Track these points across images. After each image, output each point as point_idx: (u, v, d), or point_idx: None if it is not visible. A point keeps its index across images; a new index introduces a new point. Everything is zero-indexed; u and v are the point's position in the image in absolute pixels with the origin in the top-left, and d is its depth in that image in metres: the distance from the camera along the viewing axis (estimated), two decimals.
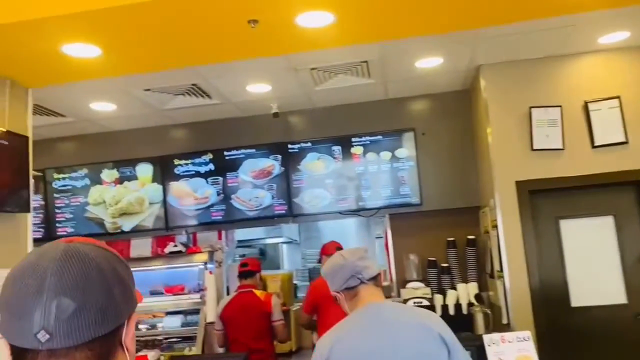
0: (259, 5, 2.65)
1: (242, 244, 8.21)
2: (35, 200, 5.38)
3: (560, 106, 4.12)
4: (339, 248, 3.94)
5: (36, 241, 5.33)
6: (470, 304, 4.54)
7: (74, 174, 5.36)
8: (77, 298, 0.80)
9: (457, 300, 4.62)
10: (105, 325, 0.82)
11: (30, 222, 3.40)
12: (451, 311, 4.58)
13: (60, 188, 5.37)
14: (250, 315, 3.97)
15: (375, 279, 1.97)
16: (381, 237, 5.73)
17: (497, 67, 4.25)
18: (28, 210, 3.27)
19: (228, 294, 5.33)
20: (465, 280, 4.73)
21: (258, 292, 4.10)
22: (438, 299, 4.67)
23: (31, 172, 3.36)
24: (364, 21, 2.88)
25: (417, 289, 4.65)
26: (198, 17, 2.71)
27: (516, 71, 4.23)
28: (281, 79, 4.24)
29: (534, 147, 4.13)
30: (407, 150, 4.91)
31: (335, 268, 1.97)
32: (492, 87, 4.27)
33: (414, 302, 4.55)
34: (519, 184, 4.13)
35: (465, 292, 4.63)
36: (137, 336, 3.99)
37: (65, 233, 5.34)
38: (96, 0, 2.57)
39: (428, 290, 4.64)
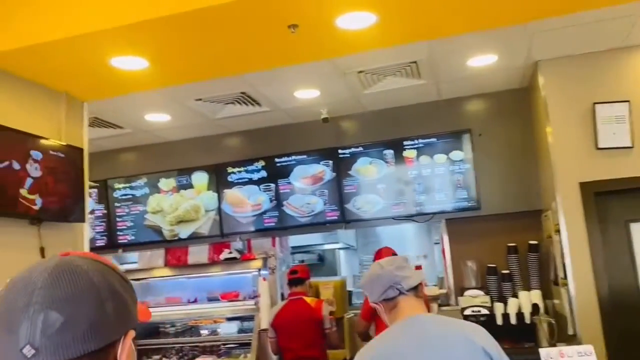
0: (298, 9, 2.61)
1: (300, 249, 8.24)
2: (98, 209, 5.62)
3: (628, 101, 3.82)
4: (394, 254, 3.82)
5: (99, 249, 5.61)
6: (533, 313, 4.30)
7: (133, 184, 5.54)
8: (65, 312, 0.77)
9: (519, 309, 4.39)
10: (95, 342, 0.78)
11: (86, 232, 3.52)
12: (513, 320, 4.35)
13: (121, 197, 5.57)
14: (300, 322, 3.95)
15: (415, 290, 1.87)
16: (439, 242, 5.56)
17: (556, 63, 4.00)
18: (84, 220, 3.38)
19: (282, 300, 5.34)
20: (527, 288, 4.48)
21: (308, 299, 4.06)
22: (498, 307, 4.45)
23: (87, 183, 3.48)
24: (408, 20, 2.78)
25: (475, 297, 4.45)
26: (238, 25, 2.70)
27: (577, 66, 3.96)
28: (329, 84, 4.19)
29: (599, 146, 3.85)
30: (462, 152, 4.73)
31: (373, 278, 1.89)
32: (552, 83, 4.02)
33: (472, 311, 4.36)
34: (584, 186, 3.86)
35: (527, 301, 4.39)
36: (196, 342, 4.06)
37: (126, 241, 5.53)
38: (140, 12, 2.63)
39: (487, 298, 4.43)
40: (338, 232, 7.19)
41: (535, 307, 4.26)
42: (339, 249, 8.65)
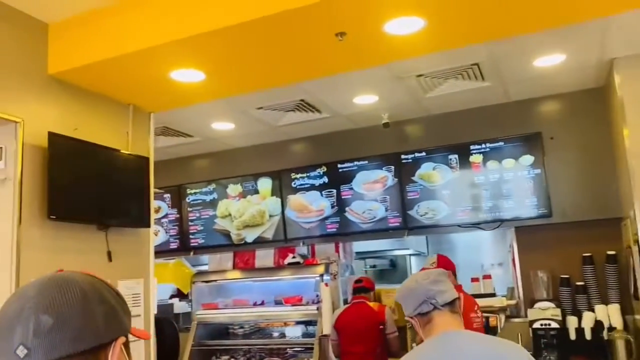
0: (345, 17, 2.60)
1: (371, 255, 8.19)
2: (172, 213, 5.90)
3: None
4: (449, 262, 3.67)
5: (172, 251, 5.88)
6: (610, 329, 4.00)
7: (204, 189, 5.75)
8: (55, 315, 0.83)
9: (595, 324, 4.11)
10: (82, 343, 0.84)
11: (152, 237, 3.69)
12: (587, 336, 4.09)
13: (192, 202, 5.80)
14: (363, 324, 3.95)
15: (451, 305, 1.80)
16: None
17: (634, 60, 3.70)
18: (148, 225, 3.55)
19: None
20: (605, 302, 4.18)
21: (371, 303, 4.07)
22: (571, 321, 4.19)
23: (152, 190, 3.65)
24: (457, 24, 2.68)
25: (545, 309, 4.22)
26: (286, 36, 2.74)
27: None
28: (387, 89, 4.14)
29: None
30: (533, 156, 4.49)
31: (407, 292, 1.84)
32: (628, 82, 3.73)
33: (541, 324, 4.14)
34: None
35: (604, 315, 4.10)
36: (262, 344, 4.15)
37: (197, 244, 5.75)
38: (195, 26, 2.73)
39: (558, 311, 4.18)
40: (408, 238, 7.08)
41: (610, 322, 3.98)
42: (409, 255, 8.51)
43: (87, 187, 3.10)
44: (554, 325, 4.10)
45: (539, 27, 2.83)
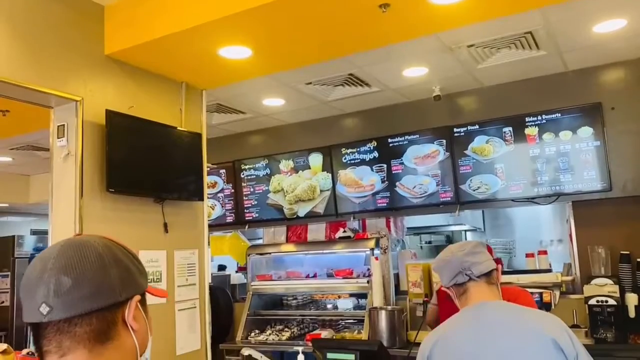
0: None
1: (426, 230, 8.17)
2: (227, 188, 6.09)
3: None
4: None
5: (228, 225, 6.08)
6: None
7: (257, 165, 5.89)
8: (73, 276, 0.90)
9: None
10: (99, 301, 0.91)
11: (205, 209, 3.85)
12: None
13: (247, 177, 5.96)
14: None
15: (488, 276, 1.80)
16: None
17: None
18: (202, 199, 3.70)
19: (396, 280, 5.36)
20: None
21: None
22: (631, 298, 4.04)
23: (205, 165, 3.79)
24: None
25: (602, 285, 4.08)
26: (330, 8, 2.74)
27: None
28: (437, 60, 4.06)
29: None
30: (592, 128, 4.30)
31: (443, 263, 1.87)
32: None
33: (597, 301, 4.01)
34: None
35: None
36: (317, 315, 4.29)
37: (251, 218, 5.92)
38: (240, 3, 2.79)
39: (616, 288, 4.04)
40: (464, 214, 6.99)
41: None
42: (465, 230, 8.40)
43: (143, 162, 3.26)
44: (611, 302, 3.97)
45: None
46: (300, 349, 2.70)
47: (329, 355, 2.67)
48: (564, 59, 4.20)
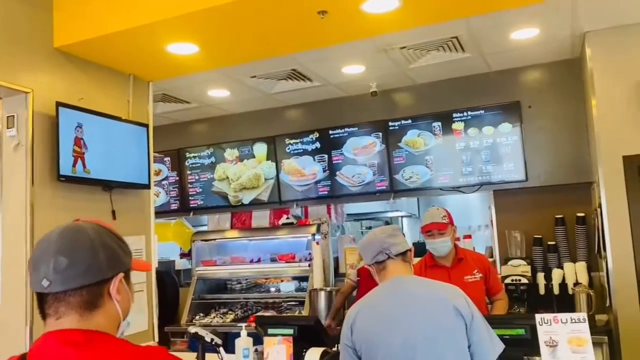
0: None
1: (366, 217, 8.54)
2: (172, 176, 6.21)
3: None
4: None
5: (173, 212, 6.22)
6: (577, 285, 4.36)
7: (202, 153, 6.05)
8: (69, 257, 1.15)
9: (563, 280, 4.46)
10: (90, 278, 1.16)
11: (152, 197, 4.01)
12: (556, 291, 4.45)
13: (192, 165, 6.11)
14: None
15: (404, 255, 2.13)
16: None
17: (605, 33, 3.91)
18: (149, 187, 3.86)
19: (336, 264, 5.70)
20: (573, 260, 4.53)
21: None
22: (541, 277, 4.54)
23: (152, 154, 3.94)
24: (431, 2, 2.91)
25: (517, 266, 4.56)
26: (272, 13, 2.97)
27: (627, 37, 3.86)
28: (373, 60, 4.37)
29: None
30: (511, 124, 4.76)
31: (367, 244, 2.18)
32: (599, 55, 3.95)
33: (512, 280, 4.49)
34: (627, 159, 3.82)
35: (572, 272, 4.45)
36: (260, 298, 4.57)
37: (196, 205, 6.08)
38: (190, 3, 2.97)
39: (528, 268, 4.52)
40: (400, 201, 7.40)
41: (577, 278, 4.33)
42: (402, 217, 8.85)
43: (92, 151, 3.39)
44: (524, 280, 4.45)
45: (507, 5, 3.06)
46: (243, 325, 2.94)
47: (270, 330, 2.94)
48: (487, 61, 4.61)
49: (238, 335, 2.90)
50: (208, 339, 2.91)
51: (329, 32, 3.17)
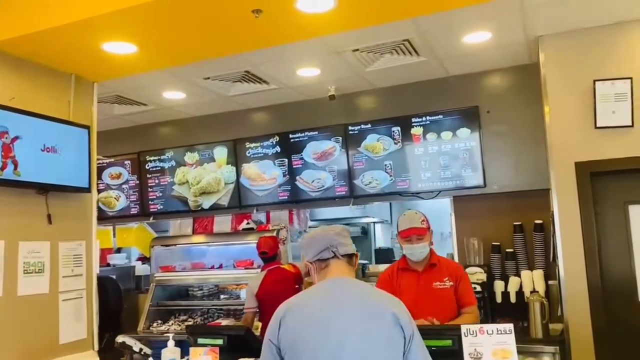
0: None
1: (341, 222, 8.45)
2: (132, 179, 6.08)
3: (630, 78, 3.65)
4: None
5: (133, 216, 6.08)
6: (533, 293, 4.28)
7: (162, 156, 5.93)
8: None
9: (520, 288, 4.39)
10: None
11: (94, 201, 3.89)
12: (512, 299, 4.37)
13: (152, 169, 5.98)
14: (284, 287, 4.14)
15: (349, 258, 2.00)
16: None
17: (558, 38, 3.87)
18: (89, 191, 3.74)
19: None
20: (532, 268, 4.46)
21: (286, 266, 4.30)
22: (499, 285, 4.47)
23: (94, 157, 3.83)
24: (365, 3, 2.83)
25: (473, 274, 4.47)
26: (207, 11, 2.88)
27: (579, 41, 3.81)
28: (327, 63, 4.28)
29: (598, 125, 3.72)
30: (469, 129, 4.69)
31: (313, 239, 2.02)
32: (551, 60, 3.90)
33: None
34: (579, 166, 3.76)
35: (529, 280, 4.38)
36: (220, 305, 4.48)
37: (156, 210, 5.95)
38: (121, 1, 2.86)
39: (484, 276, 4.44)
40: (373, 206, 7.31)
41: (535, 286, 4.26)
42: (374, 222, 8.77)
43: (24, 154, 3.27)
44: (479, 289, 4.36)
45: (444, 7, 2.98)
46: (171, 336, 2.83)
47: (200, 340, 2.83)
48: (444, 66, 4.55)
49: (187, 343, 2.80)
50: (136, 349, 2.80)
51: (266, 32, 3.08)
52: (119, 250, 6.99)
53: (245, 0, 2.78)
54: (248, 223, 5.65)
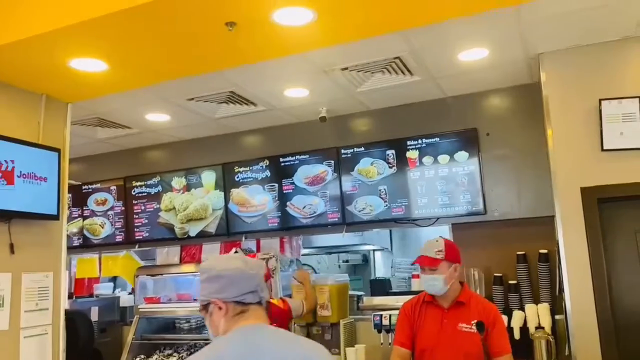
0: (233, 5, 2.52)
1: (342, 249, 8.17)
2: (117, 206, 5.83)
3: (639, 97, 3.40)
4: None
5: (117, 244, 5.82)
6: (539, 328, 3.96)
7: (149, 182, 5.69)
8: None
9: (525, 323, 4.06)
10: None
11: (64, 229, 3.63)
12: (516, 335, 4.03)
13: (138, 194, 5.73)
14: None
15: (267, 304, 1.74)
16: None
17: (560, 55, 3.63)
18: (57, 219, 3.48)
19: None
20: (536, 301, 4.14)
21: (275, 301, 4.03)
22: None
23: (65, 182, 3.58)
24: (349, 15, 2.61)
25: None
26: (178, 24, 2.67)
27: (583, 58, 3.58)
28: (315, 82, 4.06)
29: (605, 148, 3.46)
30: (467, 153, 4.43)
31: (239, 275, 1.66)
32: (553, 78, 3.66)
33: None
34: (585, 191, 3.48)
35: (534, 314, 4.06)
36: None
37: (141, 237, 5.68)
38: (84, 11, 2.65)
39: None
40: (371, 233, 7.02)
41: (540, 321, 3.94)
42: (374, 250, 8.47)
43: None
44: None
45: (438, 18, 2.75)
46: None
47: None
48: (440, 86, 4.31)
49: None
50: None
51: (242, 47, 2.85)
52: (114, 280, 6.72)
53: (218, 12, 2.57)
54: (236, 251, 5.36)
